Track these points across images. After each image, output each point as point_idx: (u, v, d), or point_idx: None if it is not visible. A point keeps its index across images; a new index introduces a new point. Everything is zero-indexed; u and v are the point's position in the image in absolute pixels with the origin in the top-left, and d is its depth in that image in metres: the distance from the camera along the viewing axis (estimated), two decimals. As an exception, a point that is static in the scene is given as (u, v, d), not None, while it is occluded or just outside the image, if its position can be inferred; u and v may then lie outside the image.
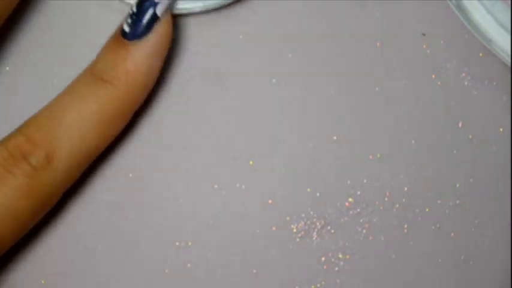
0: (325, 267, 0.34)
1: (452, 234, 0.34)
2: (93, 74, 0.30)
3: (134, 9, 0.30)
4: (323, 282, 0.34)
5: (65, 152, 0.29)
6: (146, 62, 0.30)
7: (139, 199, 0.34)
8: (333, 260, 0.34)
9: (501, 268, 0.34)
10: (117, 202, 0.34)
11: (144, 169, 0.34)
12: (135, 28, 0.30)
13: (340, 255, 0.34)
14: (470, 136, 0.34)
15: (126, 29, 0.30)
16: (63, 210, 0.34)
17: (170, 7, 0.31)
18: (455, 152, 0.34)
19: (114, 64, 0.30)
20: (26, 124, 0.30)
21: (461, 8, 0.33)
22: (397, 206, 0.34)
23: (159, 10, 0.30)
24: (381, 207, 0.34)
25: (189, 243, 0.34)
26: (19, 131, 0.30)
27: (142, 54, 0.30)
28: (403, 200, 0.34)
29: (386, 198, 0.34)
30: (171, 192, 0.34)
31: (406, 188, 0.34)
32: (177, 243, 0.34)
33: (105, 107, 0.30)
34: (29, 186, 0.29)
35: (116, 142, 0.33)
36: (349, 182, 0.34)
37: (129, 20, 0.30)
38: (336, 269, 0.34)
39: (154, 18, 0.30)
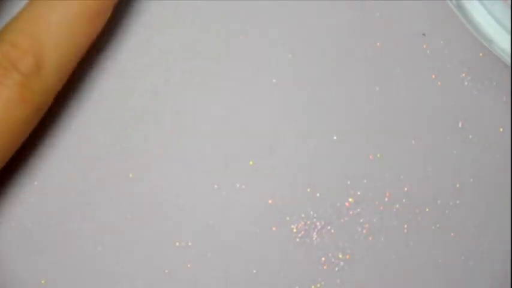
0: (325, 267, 0.34)
1: (452, 234, 0.34)
2: None
3: None
4: (323, 282, 0.34)
5: (53, 56, 0.28)
6: None
7: (140, 199, 0.34)
8: (333, 260, 0.34)
9: (501, 268, 0.34)
10: (117, 202, 0.34)
11: (144, 169, 0.34)
12: None
13: (340, 255, 0.34)
14: (470, 136, 0.34)
15: None
16: (63, 210, 0.34)
17: None
18: (455, 152, 0.34)
19: None
20: (9, 30, 0.29)
21: (461, 8, 0.33)
22: (397, 206, 0.34)
23: None
24: (381, 207, 0.34)
25: (189, 243, 0.34)
26: (3, 38, 0.29)
27: None
28: (403, 200, 0.34)
29: (386, 198, 0.34)
30: (171, 192, 0.34)
31: (406, 188, 0.34)
32: (177, 243, 0.34)
33: (87, 3, 0.29)
34: (21, 95, 0.28)
35: (116, 142, 0.33)
36: (349, 182, 0.34)
37: None
38: (336, 269, 0.34)
39: None
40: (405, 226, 0.34)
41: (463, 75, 0.34)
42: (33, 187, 0.33)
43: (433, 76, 0.34)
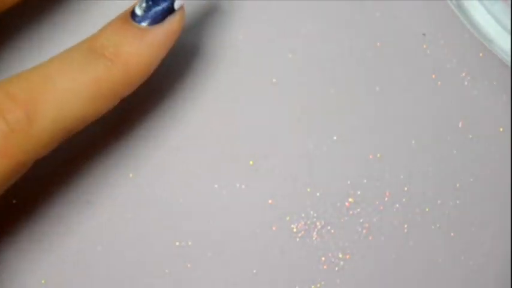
0: (325, 267, 0.34)
1: (452, 234, 0.34)
2: (93, 47, 0.28)
3: None
4: (323, 282, 0.34)
5: (48, 118, 0.27)
6: (150, 49, 0.29)
7: (139, 199, 0.34)
8: (332, 260, 0.34)
9: (501, 268, 0.34)
10: (117, 202, 0.34)
11: (144, 169, 0.34)
12: (148, 13, 0.29)
13: (340, 255, 0.34)
14: (470, 136, 0.34)
15: (138, 12, 0.29)
16: (63, 210, 0.34)
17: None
18: (455, 152, 0.34)
19: (118, 42, 0.28)
20: (10, 81, 0.28)
21: (461, 8, 0.33)
22: (397, 206, 0.34)
23: (177, 4, 0.29)
24: (381, 207, 0.34)
25: (189, 243, 0.34)
26: (2, 86, 0.27)
27: (149, 41, 0.28)
28: (403, 200, 0.34)
29: (386, 198, 0.34)
30: (171, 192, 0.34)
31: (406, 188, 0.34)
32: (177, 243, 0.34)
33: (100, 83, 0.28)
34: (4, 147, 0.27)
35: (115, 142, 0.33)
36: (349, 182, 0.34)
37: (144, 4, 0.29)
38: (336, 268, 0.34)
39: (170, 10, 0.29)
40: (405, 226, 0.34)
41: (463, 75, 0.34)
42: (34, 186, 0.34)
43: (433, 76, 0.34)
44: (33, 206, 0.34)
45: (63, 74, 0.28)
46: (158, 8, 0.29)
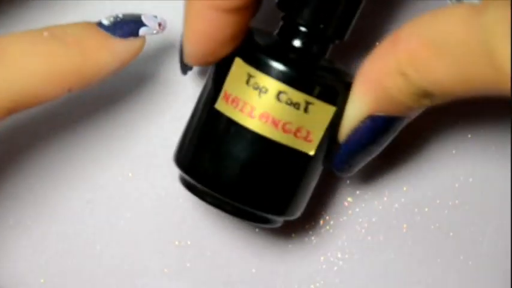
0: (324, 266, 0.34)
1: (452, 234, 0.34)
2: (55, 32, 0.28)
3: (121, 16, 0.30)
4: (322, 282, 0.34)
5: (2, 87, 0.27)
6: (109, 54, 0.29)
7: (139, 199, 0.34)
8: (332, 259, 0.34)
9: (501, 268, 0.34)
10: (116, 202, 0.34)
11: (144, 169, 0.34)
12: (114, 27, 0.29)
13: (339, 255, 0.34)
14: (470, 136, 0.34)
15: (105, 22, 0.29)
16: (63, 210, 0.34)
17: (148, 33, 0.30)
18: (455, 152, 0.34)
19: (82, 35, 0.28)
20: None
21: (460, 8, 0.32)
22: (397, 206, 0.34)
23: (142, 31, 0.30)
24: (381, 207, 0.34)
25: (189, 243, 0.34)
26: None
27: (110, 47, 0.29)
28: (403, 200, 0.34)
29: (386, 198, 0.34)
30: (171, 192, 0.34)
31: (405, 188, 0.34)
32: (177, 243, 0.34)
33: (53, 63, 0.28)
34: None
35: (115, 142, 0.33)
36: (348, 182, 0.34)
37: (111, 19, 0.29)
38: (335, 268, 0.34)
39: (135, 33, 0.29)
40: (404, 226, 0.34)
41: (463, 75, 0.34)
42: (34, 187, 0.34)
43: (433, 76, 0.34)
44: (33, 206, 0.34)
45: (19, 45, 0.28)
46: (125, 27, 0.29)
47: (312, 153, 0.28)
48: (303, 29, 0.29)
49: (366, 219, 0.34)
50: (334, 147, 0.29)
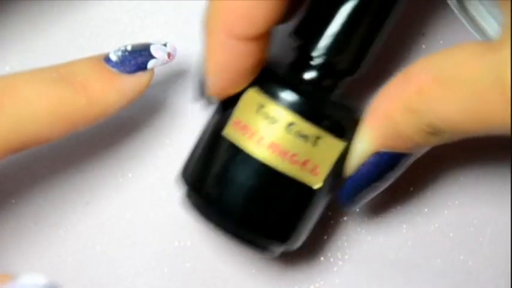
0: (324, 266, 0.34)
1: (451, 234, 0.34)
2: (64, 72, 0.29)
3: (129, 48, 0.30)
4: (322, 282, 0.34)
5: (3, 127, 0.27)
6: (116, 93, 0.29)
7: (139, 199, 0.34)
8: (331, 259, 0.34)
9: (501, 268, 0.34)
10: (116, 202, 0.34)
11: (144, 169, 0.34)
12: (122, 63, 0.29)
13: (339, 255, 0.34)
14: (469, 136, 0.34)
15: (113, 57, 0.29)
16: (62, 209, 0.34)
17: (157, 65, 0.30)
18: (454, 152, 0.34)
19: (88, 76, 0.29)
20: None
21: (461, 8, 0.32)
22: (397, 206, 0.34)
23: (151, 64, 0.30)
24: (381, 207, 0.34)
25: (189, 243, 0.34)
26: None
27: (117, 86, 0.29)
28: (403, 200, 0.34)
29: (386, 198, 0.34)
30: (171, 192, 0.34)
31: (405, 188, 0.34)
32: (177, 243, 0.34)
33: (60, 106, 0.28)
34: None
35: (115, 142, 0.33)
36: (348, 182, 0.34)
37: (119, 53, 0.30)
38: (335, 269, 0.34)
39: (143, 67, 0.30)
40: (404, 226, 0.34)
41: (463, 75, 0.34)
42: (34, 187, 0.34)
43: (433, 76, 0.34)
44: (33, 206, 0.34)
45: (29, 86, 0.28)
46: (133, 62, 0.29)
47: (317, 186, 0.28)
48: (317, 61, 0.29)
49: (366, 219, 0.34)
50: (340, 181, 0.29)
